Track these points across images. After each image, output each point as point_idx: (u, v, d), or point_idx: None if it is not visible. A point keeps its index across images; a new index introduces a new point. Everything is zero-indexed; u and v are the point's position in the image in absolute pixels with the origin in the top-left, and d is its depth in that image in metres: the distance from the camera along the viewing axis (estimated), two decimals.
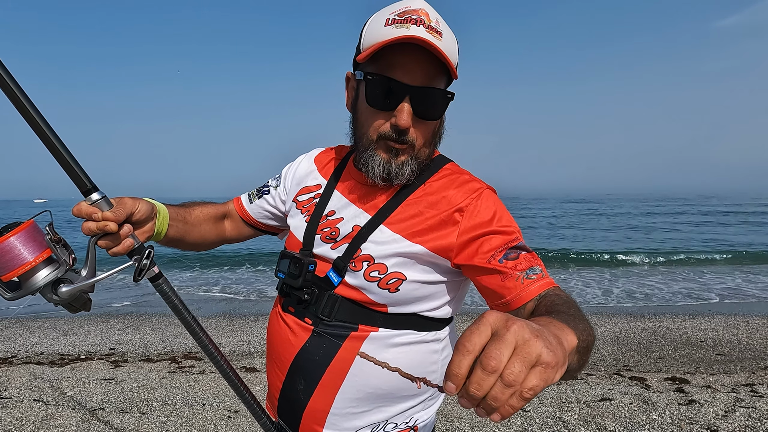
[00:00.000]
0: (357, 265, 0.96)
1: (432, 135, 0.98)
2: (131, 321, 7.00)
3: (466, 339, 0.48)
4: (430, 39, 0.86)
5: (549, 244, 17.80)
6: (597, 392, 3.94)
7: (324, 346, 0.98)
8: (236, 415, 3.54)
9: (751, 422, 3.33)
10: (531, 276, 0.86)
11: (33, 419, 3.39)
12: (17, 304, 0.75)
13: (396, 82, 0.89)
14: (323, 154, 1.19)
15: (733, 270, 11.64)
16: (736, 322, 6.70)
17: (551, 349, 0.49)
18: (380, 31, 0.89)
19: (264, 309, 7.60)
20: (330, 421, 0.99)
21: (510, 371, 0.47)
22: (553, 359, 0.49)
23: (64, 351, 5.60)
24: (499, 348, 0.47)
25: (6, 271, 0.76)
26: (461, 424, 3.38)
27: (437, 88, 0.91)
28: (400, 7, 0.90)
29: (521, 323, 0.49)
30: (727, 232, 21.49)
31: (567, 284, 10.00)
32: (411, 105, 0.90)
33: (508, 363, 0.47)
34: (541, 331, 0.51)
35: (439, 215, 0.95)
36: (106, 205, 0.83)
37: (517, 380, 0.47)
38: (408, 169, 0.95)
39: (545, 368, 0.48)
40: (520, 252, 0.89)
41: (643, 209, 41.95)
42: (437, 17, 0.91)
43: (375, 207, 1.00)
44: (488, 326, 0.49)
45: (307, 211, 1.08)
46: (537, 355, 0.48)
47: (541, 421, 3.41)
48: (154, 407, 3.68)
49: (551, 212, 38.52)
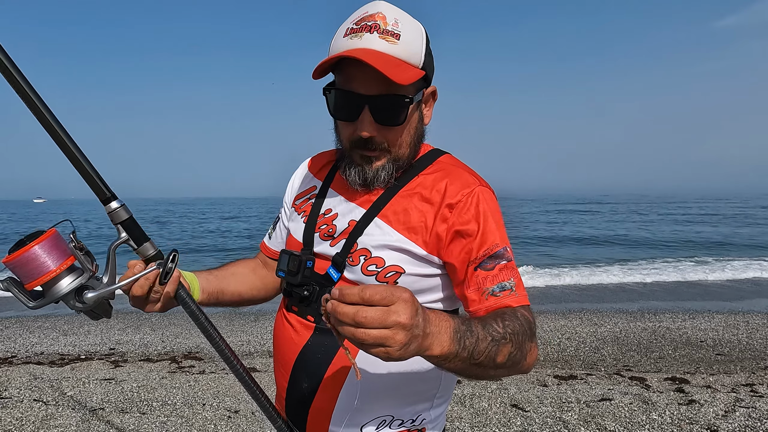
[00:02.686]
0: (355, 259, 0.96)
1: (409, 135, 0.98)
2: (131, 321, 7.00)
3: (373, 289, 0.63)
4: (377, 48, 0.88)
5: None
6: (597, 392, 3.94)
7: (326, 344, 0.98)
8: (236, 415, 3.54)
9: (751, 422, 3.33)
10: (497, 293, 0.89)
11: (33, 419, 3.39)
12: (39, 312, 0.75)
13: (352, 93, 0.92)
14: (316, 159, 1.20)
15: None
16: (736, 322, 6.71)
17: (400, 354, 0.64)
18: (338, 43, 0.93)
19: (263, 309, 7.60)
20: (336, 418, 1.00)
21: (365, 315, 0.62)
22: (393, 357, 0.64)
23: (64, 351, 5.60)
24: (377, 313, 0.62)
25: (30, 280, 0.77)
26: (461, 424, 3.39)
27: (395, 95, 0.91)
28: (360, 15, 0.93)
29: (408, 335, 0.64)
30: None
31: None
32: (371, 114, 0.92)
33: (369, 315, 0.62)
34: (413, 339, 0.65)
35: (431, 210, 0.96)
36: (125, 213, 0.84)
37: (361, 322, 0.62)
38: (384, 173, 0.97)
39: (391, 341, 0.63)
40: (497, 263, 0.90)
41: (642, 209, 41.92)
42: (396, 17, 0.92)
43: (369, 201, 1.00)
44: (396, 300, 0.63)
45: (304, 212, 1.09)
46: (385, 351, 0.63)
47: (541, 421, 3.41)
48: (154, 407, 3.68)
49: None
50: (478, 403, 3.71)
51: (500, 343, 0.79)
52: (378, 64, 0.85)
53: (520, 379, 4.34)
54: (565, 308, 8.00)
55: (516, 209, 45.71)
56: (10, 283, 0.78)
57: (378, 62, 0.85)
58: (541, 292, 9.53)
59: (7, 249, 0.78)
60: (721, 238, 19.85)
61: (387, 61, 0.87)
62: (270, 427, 3.43)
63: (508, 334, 0.80)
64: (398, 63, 0.89)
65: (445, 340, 0.71)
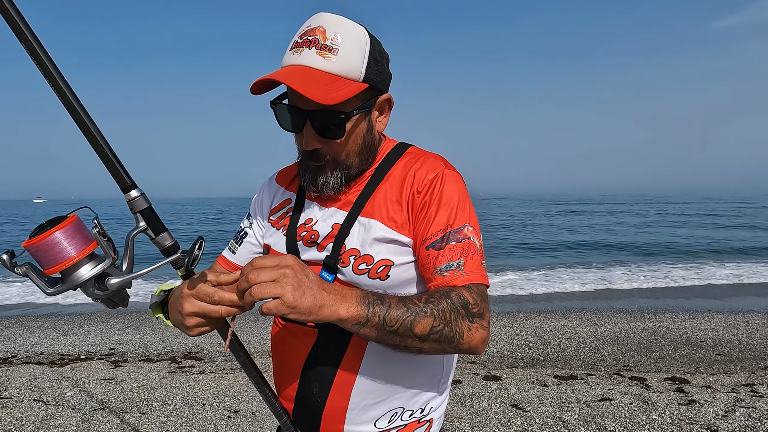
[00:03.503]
0: (345, 260, 0.98)
1: (356, 145, 0.99)
2: (131, 321, 7.01)
3: (263, 259, 0.76)
4: (313, 64, 0.89)
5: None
6: (597, 392, 3.94)
7: (332, 347, 1.00)
8: (236, 415, 3.54)
9: (751, 422, 3.33)
10: (443, 272, 0.92)
11: (33, 419, 3.39)
12: (58, 299, 0.74)
13: (294, 108, 0.94)
14: (285, 172, 1.20)
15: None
16: (736, 322, 6.71)
17: (296, 298, 0.74)
18: (284, 56, 0.95)
19: None
20: (349, 417, 1.01)
21: (257, 276, 0.74)
22: (289, 301, 0.73)
23: (64, 351, 5.60)
24: (268, 270, 0.74)
25: (50, 266, 0.76)
26: (461, 424, 3.39)
27: (330, 111, 0.92)
28: (304, 28, 0.94)
29: (297, 278, 0.75)
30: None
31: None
32: (312, 128, 0.94)
33: (263, 277, 0.74)
34: (307, 287, 0.76)
35: (404, 198, 0.98)
36: (145, 203, 0.83)
37: (253, 280, 0.74)
38: (332, 180, 0.99)
39: (280, 285, 0.74)
40: (447, 243, 0.93)
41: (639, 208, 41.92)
42: (337, 31, 0.92)
43: (348, 203, 1.02)
44: (281, 260, 0.76)
45: (283, 225, 1.10)
46: (279, 293, 0.73)
47: (541, 421, 3.41)
48: (154, 407, 3.68)
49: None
50: (478, 403, 3.71)
51: (417, 314, 0.83)
52: (302, 86, 0.86)
53: (520, 379, 4.35)
54: (565, 308, 8.01)
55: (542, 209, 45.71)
56: (28, 268, 0.77)
57: (304, 83, 0.87)
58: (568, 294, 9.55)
59: (6, 248, 0.78)
60: (722, 239, 19.88)
61: (318, 80, 0.88)
62: (270, 427, 3.43)
63: (430, 309, 0.84)
64: (331, 80, 0.90)
65: (353, 304, 0.79)
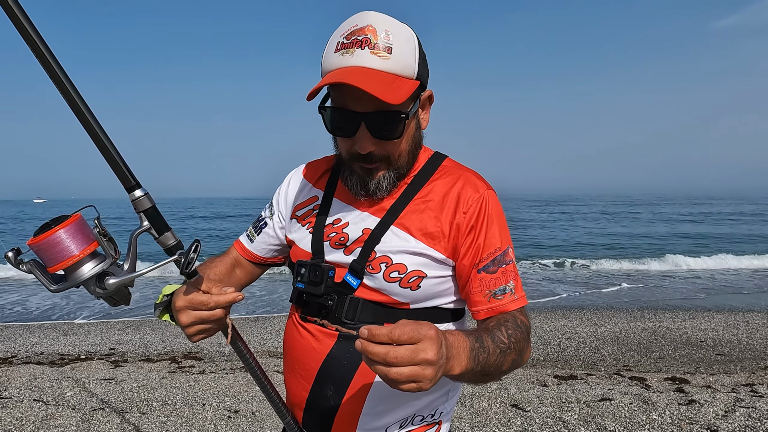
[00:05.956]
0: (375, 267, 0.97)
1: (408, 144, 0.99)
2: (131, 321, 7.01)
3: (401, 329, 0.67)
4: (370, 65, 0.87)
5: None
6: (597, 392, 3.94)
7: (351, 350, 0.98)
8: (236, 415, 3.54)
9: (751, 422, 3.33)
10: (498, 296, 0.96)
11: (33, 419, 3.39)
12: (61, 296, 0.75)
13: (348, 111, 0.92)
14: (311, 168, 1.18)
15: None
16: (736, 322, 6.71)
17: (431, 374, 0.68)
18: (329, 59, 0.92)
19: (263, 309, 7.60)
20: (362, 422, 1.01)
21: (395, 355, 0.66)
22: (432, 373, 0.68)
23: (64, 351, 5.60)
24: (406, 352, 0.67)
25: (53, 263, 0.77)
26: (461, 424, 3.39)
27: (390, 111, 0.91)
28: (349, 27, 0.91)
29: (437, 356, 0.68)
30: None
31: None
32: (368, 130, 0.92)
33: (399, 354, 0.67)
34: (442, 364, 0.71)
35: (446, 217, 0.98)
36: (149, 202, 0.83)
37: (395, 360, 0.66)
38: (386, 182, 0.98)
39: (421, 376, 0.68)
40: (499, 266, 0.97)
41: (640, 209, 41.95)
42: (387, 29, 0.90)
43: (382, 209, 1.01)
44: (423, 338, 0.68)
45: (309, 223, 1.08)
46: (418, 388, 0.68)
47: (541, 421, 3.41)
48: (154, 407, 3.68)
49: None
50: (478, 403, 3.72)
51: (506, 353, 0.87)
52: (370, 87, 0.84)
53: (520, 379, 4.34)
54: (565, 308, 8.01)
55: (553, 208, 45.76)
56: (33, 265, 0.79)
57: (370, 84, 0.85)
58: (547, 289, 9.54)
59: (6, 248, 0.78)
60: (724, 237, 19.88)
61: (380, 80, 0.87)
62: (270, 427, 3.42)
63: (512, 344, 0.88)
64: (392, 80, 0.89)
65: (464, 360, 0.77)
